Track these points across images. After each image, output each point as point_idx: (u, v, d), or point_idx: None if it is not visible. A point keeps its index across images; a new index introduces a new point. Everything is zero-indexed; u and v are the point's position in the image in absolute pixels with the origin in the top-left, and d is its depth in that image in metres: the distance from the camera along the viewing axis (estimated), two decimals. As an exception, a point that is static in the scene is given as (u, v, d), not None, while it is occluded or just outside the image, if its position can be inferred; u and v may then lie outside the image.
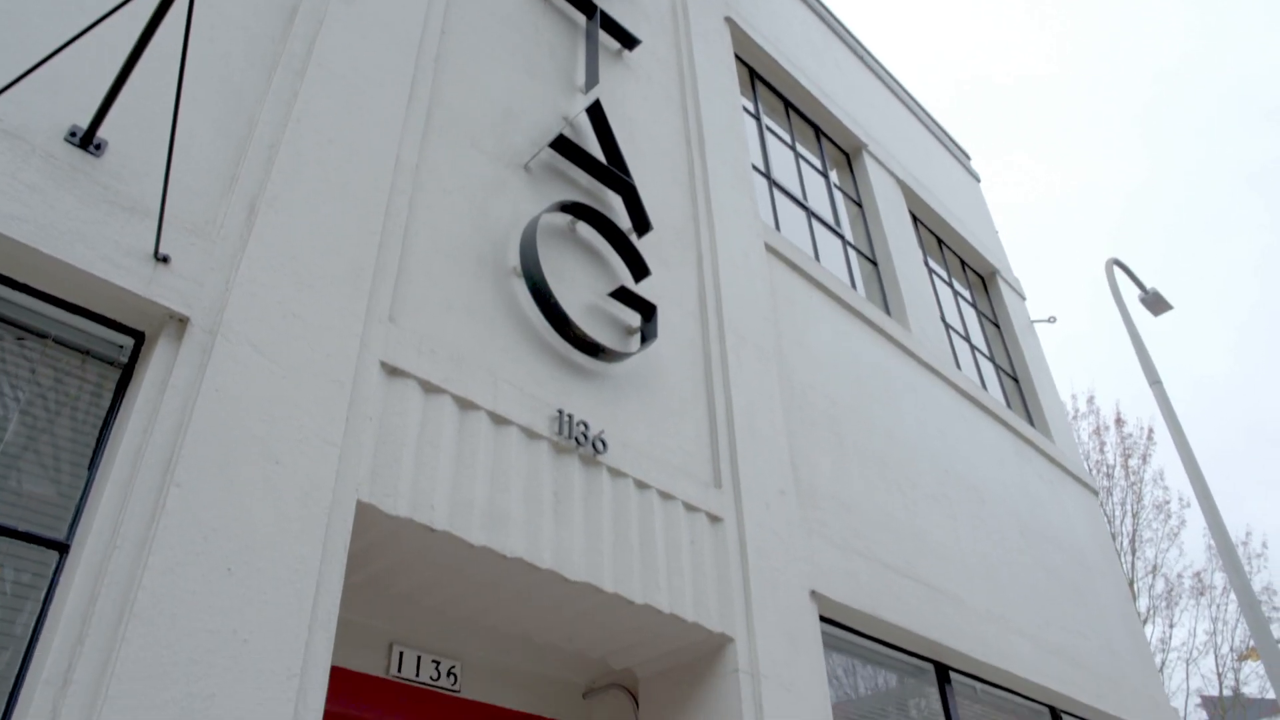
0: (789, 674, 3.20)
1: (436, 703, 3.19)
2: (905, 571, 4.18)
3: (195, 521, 2.12)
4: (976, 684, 4.55)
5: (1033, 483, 6.08)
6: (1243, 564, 10.38)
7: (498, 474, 2.75)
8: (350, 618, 3.06)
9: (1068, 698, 4.96)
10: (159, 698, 1.94)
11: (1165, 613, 19.98)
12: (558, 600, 2.89)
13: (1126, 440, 21.28)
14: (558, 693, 3.54)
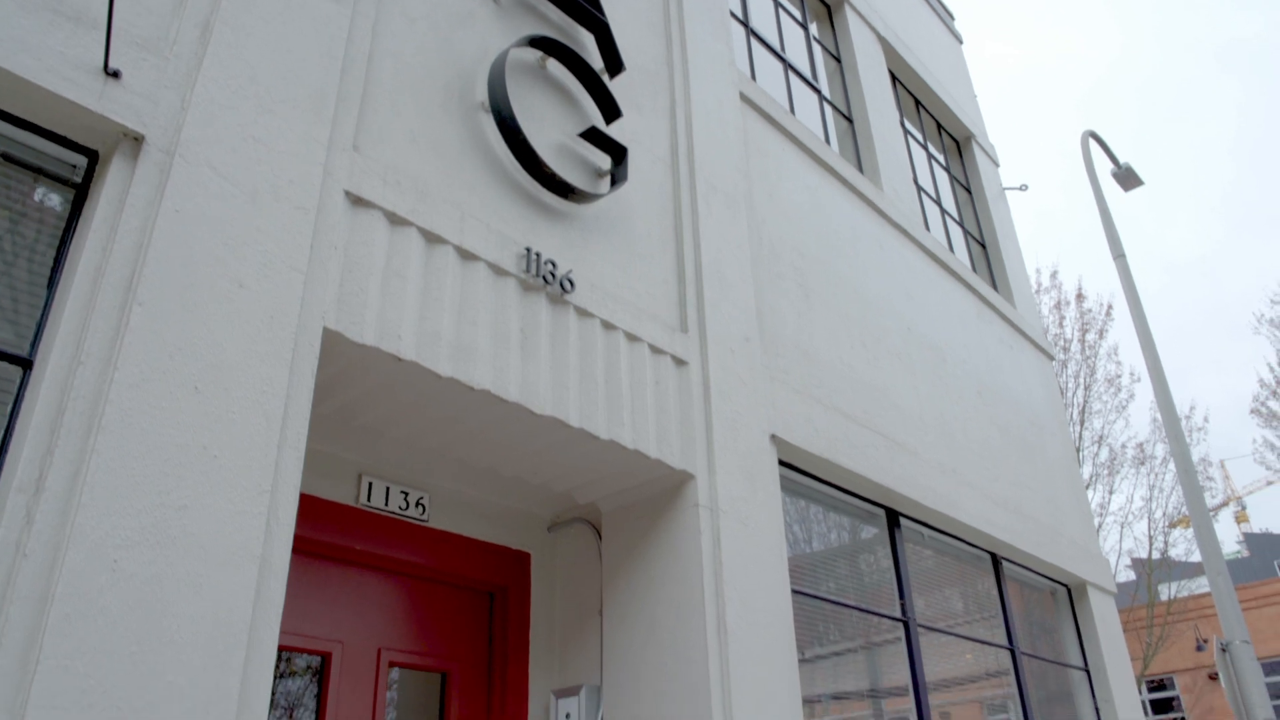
0: (747, 510, 3.32)
1: (405, 531, 3.28)
2: (863, 422, 4.29)
3: (160, 340, 2.12)
4: (924, 529, 4.76)
5: (992, 345, 6.20)
6: (1184, 436, 10.78)
7: (465, 308, 2.75)
8: (319, 448, 3.10)
9: (1009, 545, 5.21)
10: (132, 506, 1.97)
11: (1106, 480, 20.85)
12: (524, 434, 2.94)
13: (1085, 315, 21.68)
14: (524, 525, 3.66)
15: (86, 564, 1.89)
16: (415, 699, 3.34)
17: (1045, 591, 6.12)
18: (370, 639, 3.20)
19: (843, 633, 4.27)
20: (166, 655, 1.96)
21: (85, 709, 1.83)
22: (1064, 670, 5.95)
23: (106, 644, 1.88)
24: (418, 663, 3.29)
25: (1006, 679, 5.23)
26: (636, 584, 3.27)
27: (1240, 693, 9.43)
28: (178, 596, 2.00)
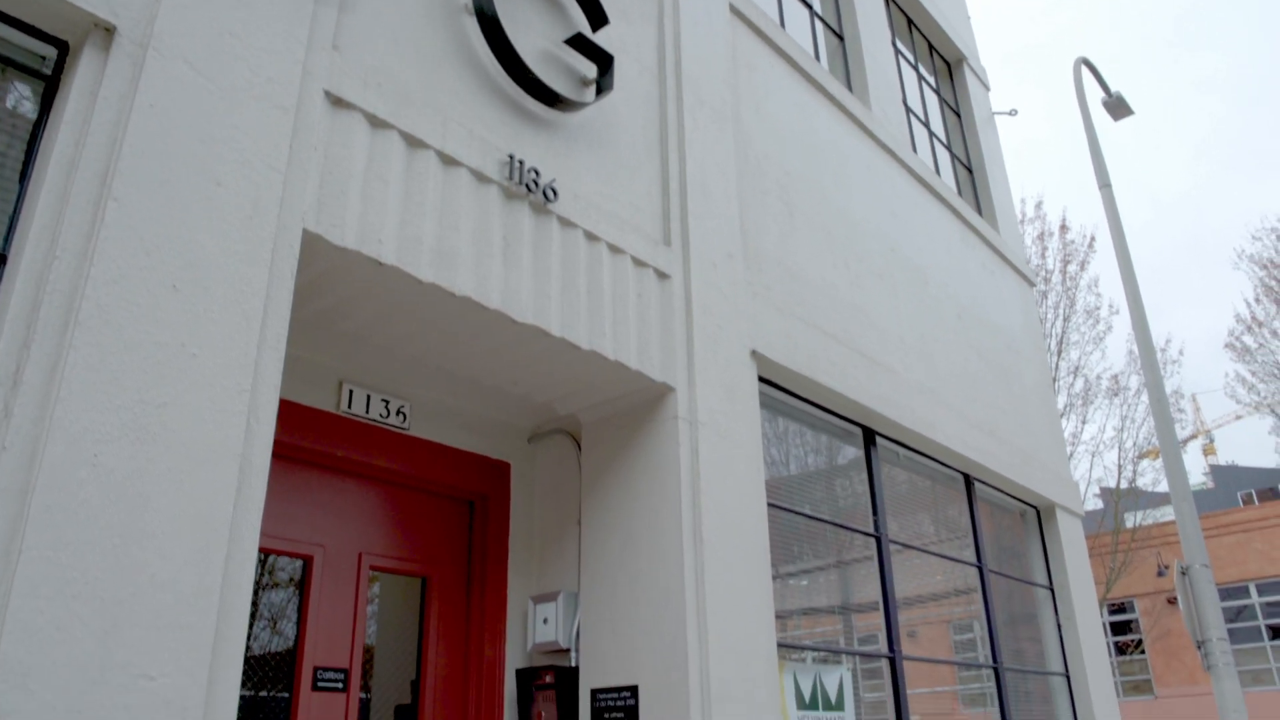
0: (725, 423, 3.36)
1: (386, 439, 3.31)
2: (843, 340, 4.32)
3: (136, 237, 2.09)
4: (900, 449, 4.83)
5: (975, 270, 6.22)
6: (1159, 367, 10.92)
7: (446, 214, 2.73)
8: (300, 354, 3.10)
9: (982, 466, 5.30)
10: (111, 402, 1.97)
11: (1080, 410, 21.18)
12: (505, 343, 2.95)
13: (1068, 247, 21.73)
14: (504, 435, 3.69)
15: (66, 458, 1.90)
16: (396, 603, 3.41)
17: (1014, 514, 6.26)
18: (351, 543, 3.24)
19: (815, 552, 4.36)
20: (149, 549, 1.98)
21: (69, 599, 1.85)
22: (1028, 593, 6.12)
23: (88, 536, 1.90)
24: (398, 567, 3.35)
25: (973, 597, 5.38)
26: (615, 494, 3.32)
27: (1196, 613, 9.76)
28: (158, 492, 2.01)
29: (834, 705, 3.93)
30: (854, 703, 4.05)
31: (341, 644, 3.13)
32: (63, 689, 1.81)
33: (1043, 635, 6.13)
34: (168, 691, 1.95)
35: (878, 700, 4.40)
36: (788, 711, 3.66)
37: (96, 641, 1.87)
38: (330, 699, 3.05)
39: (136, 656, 1.92)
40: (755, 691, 3.17)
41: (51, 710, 1.78)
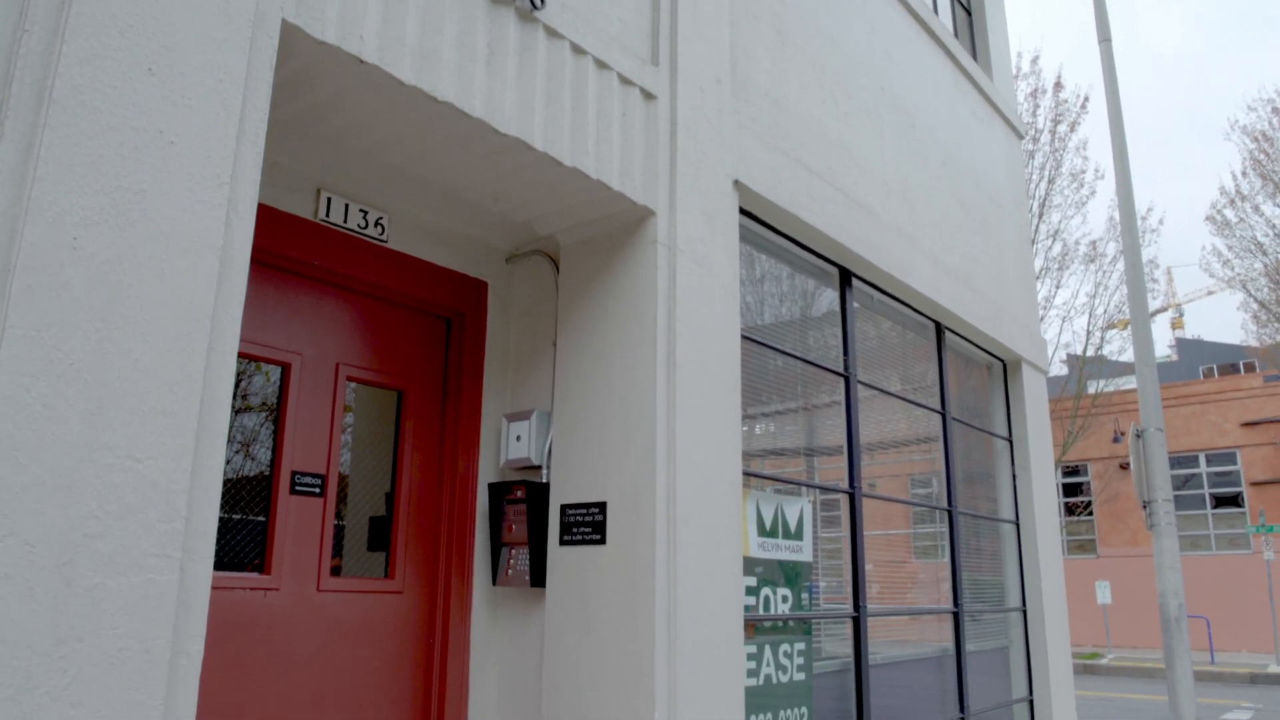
0: (704, 250, 3.38)
1: (364, 250, 3.30)
2: (827, 177, 4.29)
3: (109, 15, 2.02)
4: (875, 292, 4.89)
5: (964, 117, 6.13)
6: (1138, 229, 10.96)
7: (429, 15, 2.64)
8: (278, 159, 3.05)
9: (955, 315, 5.39)
10: (89, 186, 1.95)
11: (1055, 274, 21.36)
12: (487, 154, 2.91)
13: (1060, 105, 21.37)
14: (483, 254, 3.69)
15: (45, 239, 1.90)
16: (372, 415, 3.48)
17: (981, 370, 6.41)
18: (328, 353, 3.29)
19: (783, 396, 4.47)
20: (131, 335, 2.00)
21: (55, 379, 1.89)
22: (987, 453, 6.32)
23: (71, 319, 1.92)
24: (375, 379, 3.41)
25: (934, 451, 5.57)
26: (591, 316, 3.37)
27: (1146, 474, 10.17)
28: (139, 280, 2.02)
29: (793, 534, 4.12)
30: (812, 534, 4.25)
31: (319, 451, 3.21)
32: (52, 465, 1.87)
33: (998, 487, 6.39)
34: (153, 474, 2.01)
35: (834, 548, 4.61)
36: (748, 536, 3.84)
37: (82, 422, 1.92)
38: (307, 503, 3.16)
39: (122, 439, 1.97)
40: (719, 514, 3.32)
41: (41, 484, 1.85)
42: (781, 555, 4.00)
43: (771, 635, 3.92)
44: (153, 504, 2.00)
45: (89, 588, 1.89)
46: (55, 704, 1.81)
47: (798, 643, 4.04)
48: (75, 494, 1.89)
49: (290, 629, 3.03)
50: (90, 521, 1.90)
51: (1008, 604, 6.17)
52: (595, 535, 3.18)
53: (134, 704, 1.92)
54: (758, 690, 3.71)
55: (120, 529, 1.94)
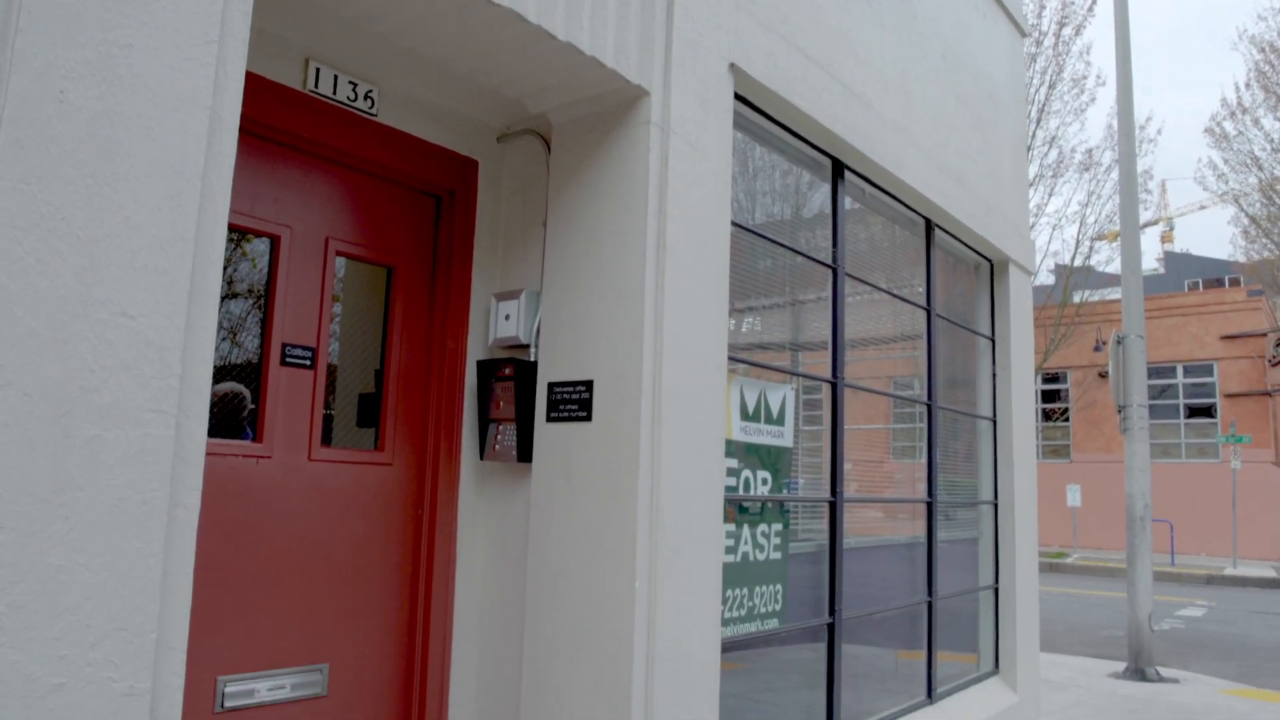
0: (697, 133, 3.36)
1: (353, 123, 3.27)
2: (824, 65, 4.23)
3: None
4: (866, 186, 4.88)
5: (966, 10, 6.01)
6: (1135, 134, 10.86)
7: (422, -126, 2.56)
8: (265, 26, 2.98)
9: (945, 212, 5.39)
10: (75, 39, 1.93)
11: (1049, 181, 21.26)
12: (479, 25, 2.85)
13: (1066, 8, 20.88)
14: (474, 132, 3.65)
15: (32, 91, 1.88)
16: (362, 292, 3.50)
17: (968, 268, 6.44)
18: (318, 227, 3.28)
19: (769, 292, 4.50)
20: (122, 192, 2.00)
21: (46, 233, 1.89)
22: (969, 357, 6.40)
23: (60, 173, 1.91)
24: (364, 255, 3.41)
25: (918, 345, 5.64)
26: (582, 197, 3.36)
27: (1123, 380, 10.33)
28: (129, 137, 2.01)
29: (775, 420, 4.21)
30: (793, 421, 4.34)
31: (309, 324, 3.24)
32: (47, 318, 1.89)
33: (978, 386, 6.50)
34: (147, 331, 2.04)
35: (815, 445, 4.70)
36: (731, 420, 3.92)
37: (75, 276, 1.93)
38: (298, 374, 3.21)
39: (115, 295, 1.99)
40: (703, 395, 3.38)
41: (36, 337, 1.87)
42: (763, 440, 4.09)
43: (750, 516, 4.04)
44: (147, 360, 2.03)
45: (87, 439, 1.93)
46: (58, 548, 1.88)
47: (775, 524, 4.17)
48: (71, 347, 1.92)
49: (282, 496, 3.11)
50: (86, 375, 1.94)
51: (981, 499, 6.35)
52: (581, 413, 3.25)
53: (134, 551, 2.00)
54: (735, 566, 3.85)
55: (116, 383, 1.98)
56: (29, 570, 1.84)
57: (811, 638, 4.45)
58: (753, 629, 3.96)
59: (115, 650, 1.96)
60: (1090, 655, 9.97)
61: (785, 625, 4.18)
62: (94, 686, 1.93)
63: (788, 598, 4.21)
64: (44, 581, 1.86)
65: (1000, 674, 6.20)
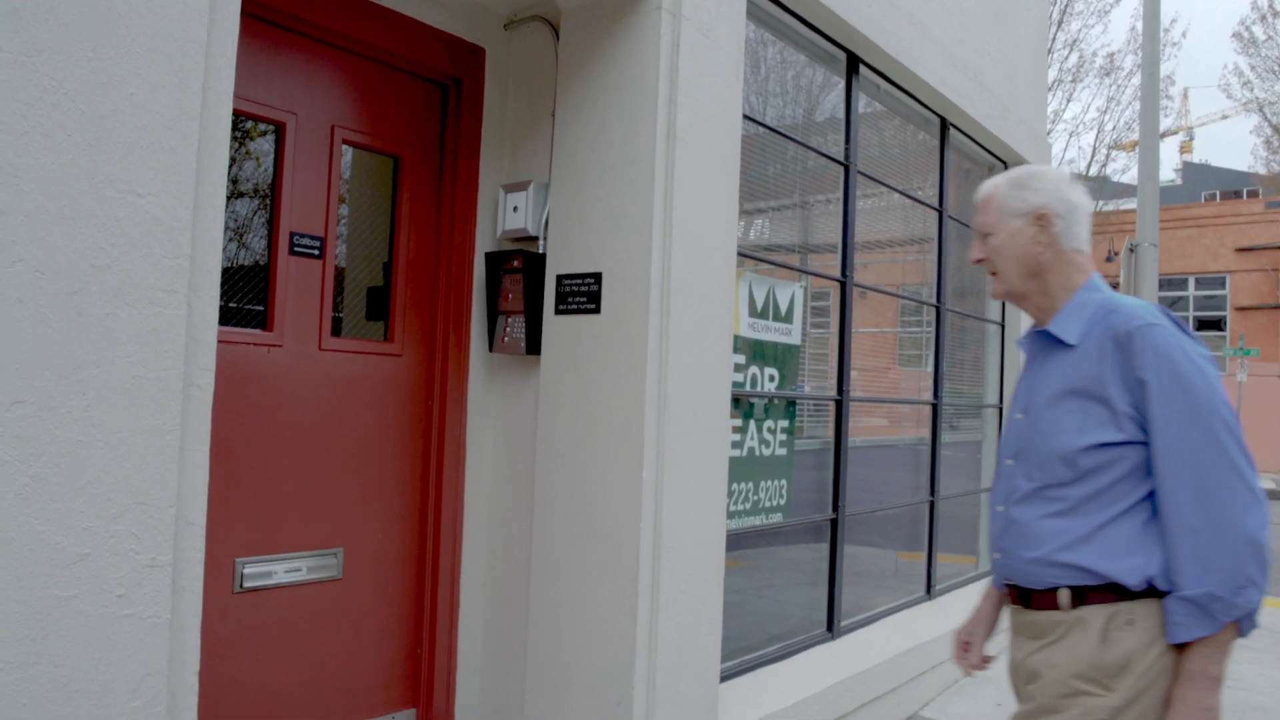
0: (709, 20, 3.27)
1: (358, 7, 3.19)
2: (840, -48, 4.10)
3: None
4: (881, 82, 4.77)
5: (989, -102, 5.78)
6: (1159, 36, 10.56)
7: None
8: (264, -99, 2.90)
9: (961, 111, 5.29)
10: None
11: (1068, 87, 20.75)
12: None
13: (1096, -100, 20.08)
14: (480, 18, 3.55)
15: (30, -42, 1.83)
16: (368, 180, 3.47)
17: (982, 170, 6.35)
18: (323, 115, 3.24)
19: (780, 193, 4.44)
20: (125, 67, 1.98)
21: (50, 107, 1.88)
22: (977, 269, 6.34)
23: (61, 45, 1.89)
24: (370, 143, 3.37)
25: (928, 249, 5.59)
26: (591, 85, 3.30)
27: (1135, 289, 10.27)
28: (129, 9, 1.97)
29: (783, 318, 4.21)
30: (802, 319, 4.34)
31: (316, 213, 3.23)
32: (55, 195, 1.89)
33: (986, 292, 6.47)
34: (155, 210, 2.04)
35: (822, 352, 4.71)
36: (740, 316, 3.93)
37: (81, 152, 1.92)
38: (306, 264, 3.21)
39: (122, 173, 1.98)
40: (712, 288, 3.38)
41: (45, 213, 1.87)
42: (771, 337, 4.11)
43: (757, 412, 4.08)
44: (156, 239, 2.03)
45: (100, 317, 1.95)
46: (77, 423, 1.92)
47: (781, 421, 4.22)
48: (80, 225, 1.92)
49: (294, 385, 3.15)
50: (97, 253, 1.95)
51: (985, 403, 6.39)
52: (590, 305, 3.26)
53: (150, 428, 2.03)
54: (741, 461, 3.91)
55: (127, 262, 1.99)
56: (49, 444, 1.88)
57: (814, 536, 4.54)
58: (757, 522, 4.04)
59: (136, 523, 2.02)
60: (1087, 558, 10.16)
61: (789, 520, 4.26)
62: (117, 558, 1.98)
63: (792, 493, 4.28)
64: (65, 455, 1.90)
65: (998, 572, 6.33)
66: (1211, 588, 1.68)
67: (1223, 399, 1.74)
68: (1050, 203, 1.96)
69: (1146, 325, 1.79)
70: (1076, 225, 1.97)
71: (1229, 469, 1.70)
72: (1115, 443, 1.81)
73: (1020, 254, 1.99)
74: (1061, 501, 1.87)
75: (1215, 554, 1.68)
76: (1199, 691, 1.72)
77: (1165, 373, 1.75)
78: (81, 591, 1.92)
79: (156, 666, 2.04)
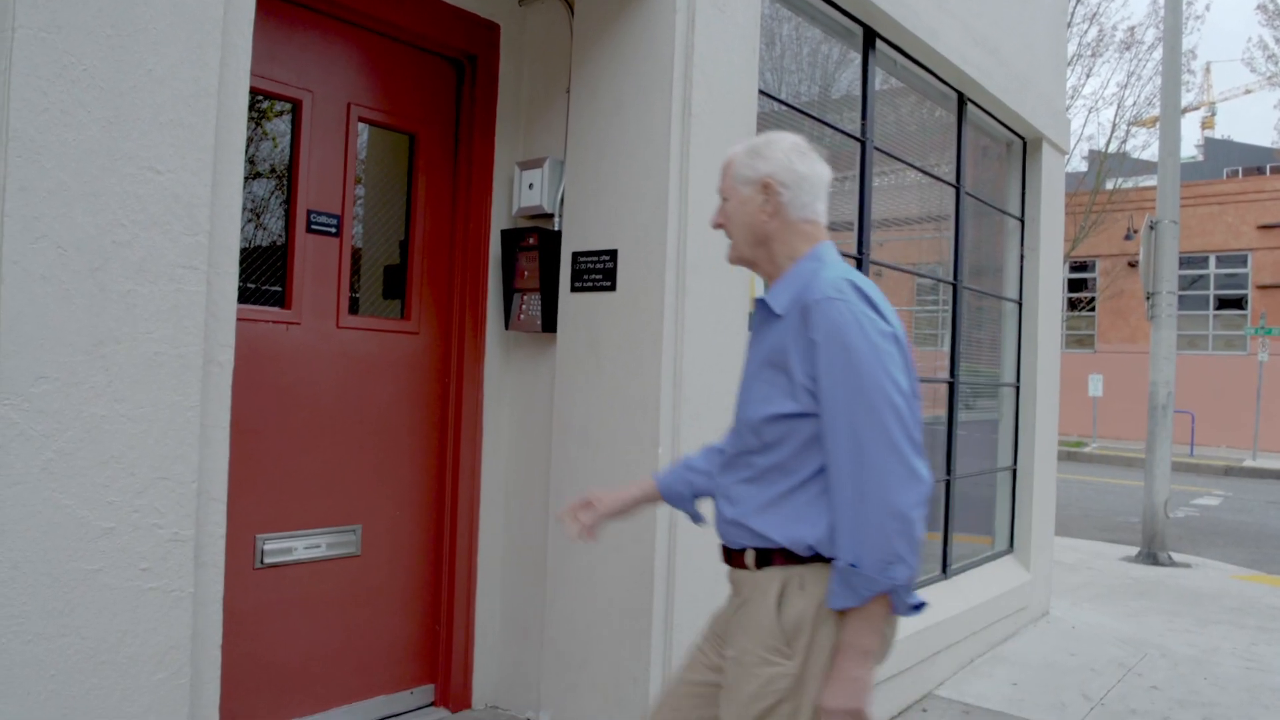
0: (725, -6, 3.25)
1: (373, -16, 3.19)
2: (858, -74, 4.05)
3: None
4: (898, 57, 4.73)
5: None
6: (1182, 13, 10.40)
7: None
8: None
9: (979, 86, 5.24)
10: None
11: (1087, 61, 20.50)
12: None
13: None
14: (495, -8, 3.55)
15: (47, -65, 1.84)
16: (384, 158, 3.48)
17: (1000, 146, 6.29)
18: (339, 92, 3.24)
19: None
20: (143, 43, 1.98)
21: (70, 84, 1.89)
22: (997, 242, 6.30)
23: (80, 22, 1.89)
24: (386, 121, 3.37)
25: (945, 227, 5.55)
26: (606, 61, 3.29)
27: (1154, 266, 10.17)
28: (147, -20, 1.98)
29: (799, 296, 4.19)
30: (817, 297, 4.32)
31: (333, 191, 3.24)
32: (75, 171, 1.90)
33: (1004, 269, 6.43)
34: (174, 186, 2.05)
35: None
36: (756, 292, 3.92)
37: (101, 129, 1.93)
38: (324, 242, 3.22)
39: (142, 149, 1.99)
40: (727, 266, 3.36)
41: (66, 189, 1.89)
42: (786, 314, 4.09)
43: (772, 390, 4.07)
44: (176, 216, 2.05)
45: (122, 293, 1.97)
46: (100, 398, 1.94)
47: (797, 398, 4.20)
48: (101, 201, 1.93)
49: (312, 363, 3.17)
50: (118, 229, 1.96)
51: (1002, 381, 6.36)
52: (605, 282, 3.26)
53: (172, 404, 2.05)
54: (756, 438, 3.90)
55: (147, 238, 2.00)
56: (74, 419, 1.90)
57: (830, 510, 4.54)
58: (773, 499, 4.04)
59: (159, 498, 2.04)
60: (1104, 540, 10.14)
61: (805, 497, 4.26)
62: (141, 531, 2.01)
63: (808, 471, 4.27)
64: (88, 431, 1.92)
65: (1014, 553, 6.33)
66: (856, 560, 1.71)
67: (892, 377, 1.75)
68: (776, 172, 1.96)
69: (826, 299, 1.80)
70: (805, 195, 1.98)
71: (887, 445, 1.71)
72: (792, 414, 1.84)
73: (748, 221, 2.01)
74: (750, 469, 1.93)
75: (865, 527, 1.71)
76: (848, 662, 1.76)
77: (835, 347, 1.77)
78: (107, 565, 1.95)
79: (180, 640, 2.07)
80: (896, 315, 1.88)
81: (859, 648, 1.76)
